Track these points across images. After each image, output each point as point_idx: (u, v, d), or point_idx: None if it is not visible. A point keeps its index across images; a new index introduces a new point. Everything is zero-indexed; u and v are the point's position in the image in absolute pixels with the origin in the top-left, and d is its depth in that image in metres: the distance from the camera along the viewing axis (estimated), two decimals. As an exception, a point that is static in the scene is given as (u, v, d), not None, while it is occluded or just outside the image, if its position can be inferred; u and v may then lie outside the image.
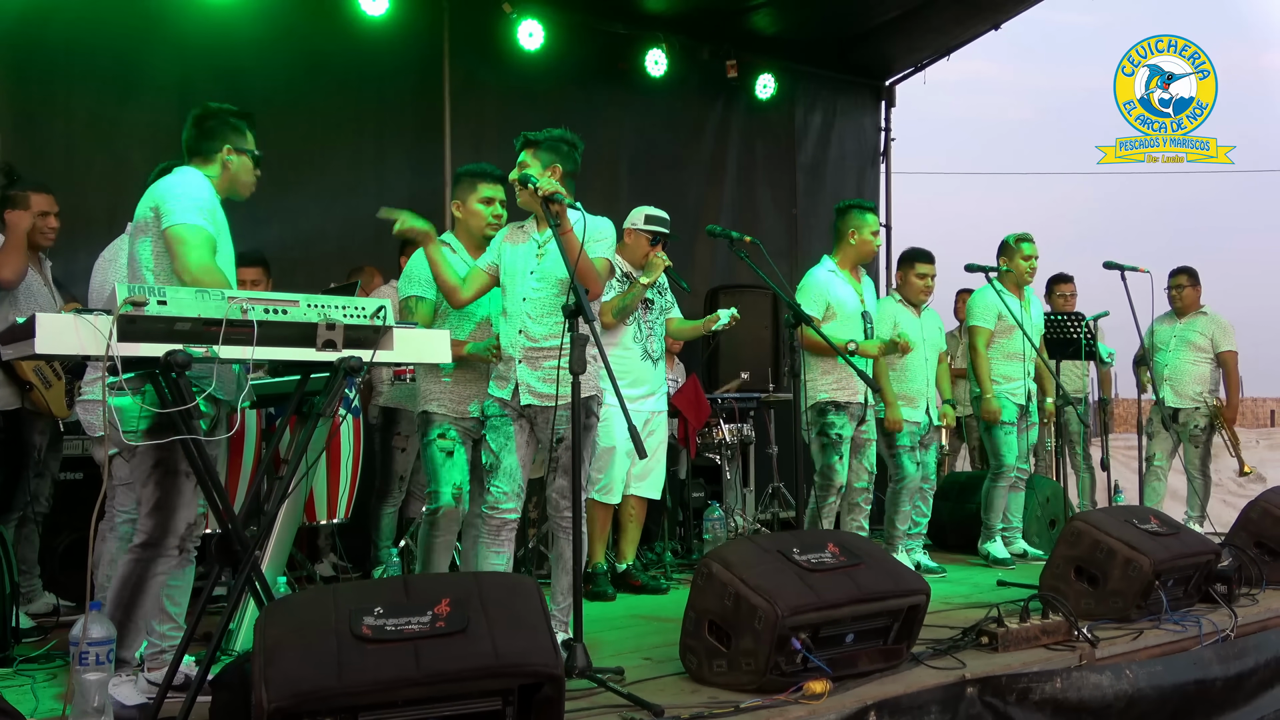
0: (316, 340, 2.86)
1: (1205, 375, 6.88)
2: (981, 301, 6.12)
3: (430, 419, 4.08)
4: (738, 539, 5.19)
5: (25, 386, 4.49)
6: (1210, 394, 6.87)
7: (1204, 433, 6.85)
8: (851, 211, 5.47)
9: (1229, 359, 6.91)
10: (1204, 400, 6.85)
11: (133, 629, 3.08)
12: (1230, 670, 4.03)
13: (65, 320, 2.62)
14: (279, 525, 3.86)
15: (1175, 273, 7.01)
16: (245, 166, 3.37)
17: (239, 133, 3.37)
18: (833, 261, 5.45)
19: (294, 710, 2.36)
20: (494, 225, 4.14)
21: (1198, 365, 6.87)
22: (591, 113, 7.63)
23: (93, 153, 5.84)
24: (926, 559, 5.88)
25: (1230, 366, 6.92)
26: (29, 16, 5.55)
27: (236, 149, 3.35)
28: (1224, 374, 6.94)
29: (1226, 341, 6.90)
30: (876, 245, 5.50)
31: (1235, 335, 6.93)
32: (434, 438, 4.05)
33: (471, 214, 4.18)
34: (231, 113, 3.38)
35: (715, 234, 4.59)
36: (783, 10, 7.96)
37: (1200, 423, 6.83)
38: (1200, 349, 6.88)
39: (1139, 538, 4.29)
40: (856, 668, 3.36)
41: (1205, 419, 6.84)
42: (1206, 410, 6.84)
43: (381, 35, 6.60)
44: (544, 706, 2.62)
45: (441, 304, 4.07)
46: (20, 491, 4.57)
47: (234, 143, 3.34)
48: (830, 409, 5.28)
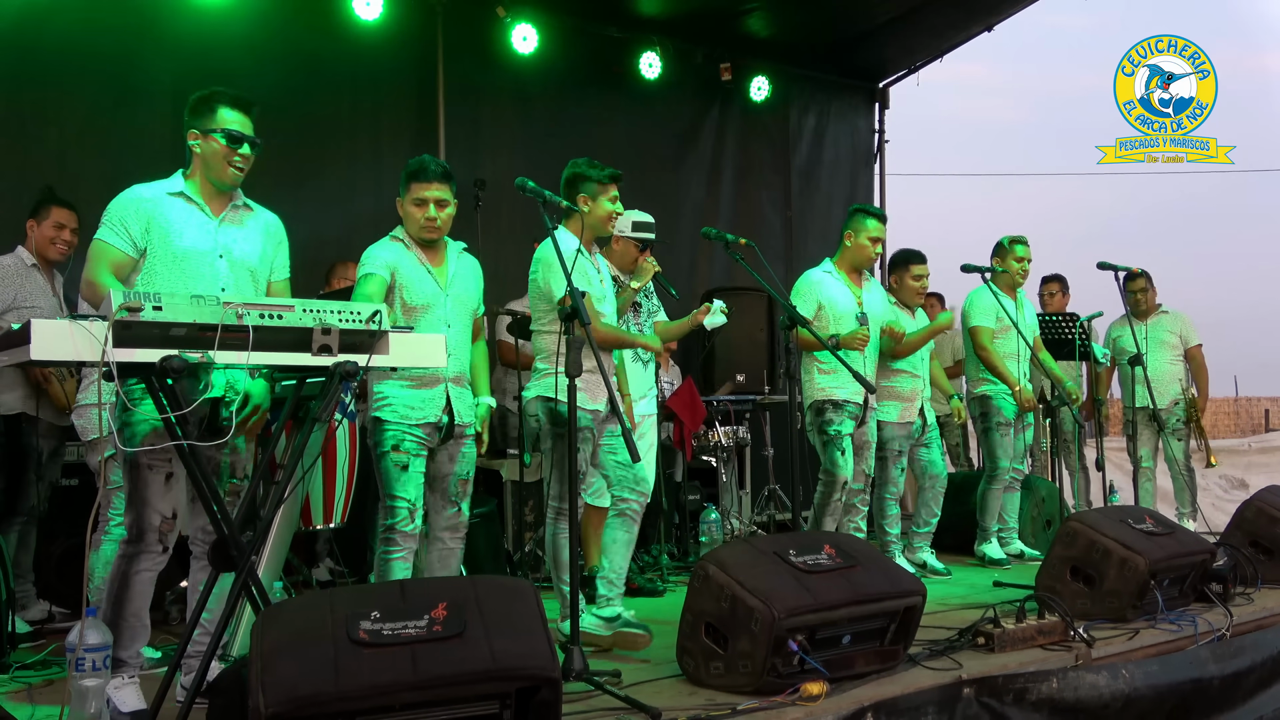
0: (312, 345, 2.86)
1: (1180, 372, 7.04)
2: (980, 301, 6.12)
3: (382, 426, 3.78)
4: (734, 541, 5.19)
5: (39, 386, 4.49)
6: (1185, 390, 7.00)
7: (1185, 426, 6.99)
8: (855, 215, 5.49)
9: (1198, 353, 7.08)
10: (1182, 397, 6.97)
11: (124, 627, 3.09)
12: (1226, 669, 4.03)
13: (61, 326, 2.62)
14: (275, 530, 3.86)
15: (1134, 276, 6.97)
16: (213, 149, 3.27)
17: (206, 114, 3.28)
18: (831, 263, 5.47)
19: (291, 715, 2.36)
20: (431, 229, 3.84)
21: (1174, 364, 7.01)
22: (585, 116, 7.64)
23: (86, 157, 5.83)
24: (934, 559, 5.86)
25: (1200, 360, 7.12)
26: (24, 21, 5.54)
27: (201, 130, 3.28)
28: (1194, 368, 7.09)
29: (1194, 336, 7.07)
30: (874, 252, 5.47)
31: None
32: (388, 449, 3.75)
33: (408, 216, 3.88)
34: (204, 94, 3.31)
35: (710, 236, 4.59)
36: (776, 13, 7.97)
37: (1181, 416, 6.97)
38: (1173, 347, 7.01)
39: (1134, 537, 4.30)
40: (853, 669, 3.37)
41: (1184, 413, 6.97)
42: (1184, 405, 6.97)
43: (376, 39, 6.61)
44: (541, 709, 2.62)
45: (401, 297, 3.79)
46: (23, 497, 4.56)
47: (199, 125, 3.28)
48: (828, 407, 5.29)
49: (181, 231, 3.24)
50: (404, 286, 3.77)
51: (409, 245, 3.86)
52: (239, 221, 3.39)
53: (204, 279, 3.23)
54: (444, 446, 3.85)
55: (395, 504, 3.74)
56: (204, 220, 3.30)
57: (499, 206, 6.62)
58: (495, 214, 6.62)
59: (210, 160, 3.29)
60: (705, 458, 6.74)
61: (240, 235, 3.37)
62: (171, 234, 3.22)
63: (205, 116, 3.28)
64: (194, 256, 3.24)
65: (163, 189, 3.28)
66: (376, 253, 3.82)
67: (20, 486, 4.55)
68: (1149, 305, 7.11)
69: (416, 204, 3.81)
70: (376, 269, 3.76)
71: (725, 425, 6.68)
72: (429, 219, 3.80)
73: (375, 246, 3.85)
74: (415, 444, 3.76)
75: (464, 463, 3.90)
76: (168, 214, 3.24)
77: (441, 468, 3.87)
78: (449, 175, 3.85)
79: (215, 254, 3.29)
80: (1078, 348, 6.23)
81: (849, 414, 5.31)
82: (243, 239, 3.38)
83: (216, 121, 3.28)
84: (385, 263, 3.78)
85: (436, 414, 3.79)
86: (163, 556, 3.16)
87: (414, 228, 3.84)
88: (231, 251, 3.33)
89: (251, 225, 3.43)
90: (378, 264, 3.77)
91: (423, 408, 3.77)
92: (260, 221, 3.46)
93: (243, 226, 3.39)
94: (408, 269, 3.80)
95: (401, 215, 3.90)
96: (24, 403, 4.52)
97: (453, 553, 3.92)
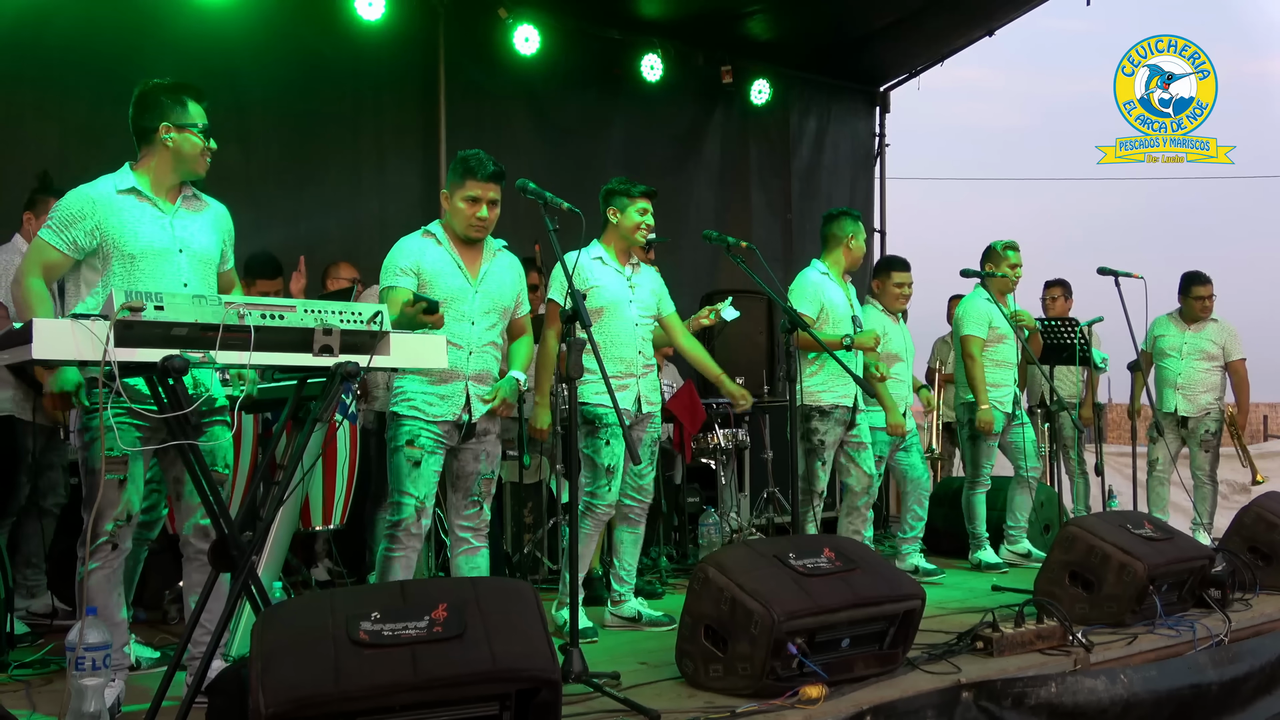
0: (313, 345, 2.86)
1: (1216, 383, 6.81)
2: (973, 309, 6.11)
3: (399, 421, 3.77)
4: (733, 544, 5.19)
5: (38, 387, 4.47)
6: (1218, 401, 6.81)
7: (1214, 438, 6.78)
8: (845, 219, 5.47)
9: (1241, 367, 6.84)
10: (1215, 407, 6.78)
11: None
12: (1225, 675, 4.04)
13: (62, 325, 2.62)
14: (275, 530, 3.86)
15: (1205, 281, 6.83)
16: (189, 142, 3.26)
17: (177, 108, 3.27)
18: (824, 264, 5.45)
19: (291, 715, 2.36)
20: (480, 228, 3.84)
21: (1210, 374, 6.78)
22: (586, 118, 7.66)
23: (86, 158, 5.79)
24: (924, 561, 5.89)
25: (1243, 374, 6.86)
26: (24, 20, 5.54)
27: (176, 125, 3.25)
28: (1235, 382, 6.85)
29: (1238, 350, 6.83)
30: (861, 255, 5.53)
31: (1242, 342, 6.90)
32: (401, 444, 3.74)
33: (455, 211, 3.86)
34: (166, 88, 3.29)
35: (711, 239, 4.59)
36: (778, 16, 7.98)
37: (1211, 427, 6.76)
38: (1213, 357, 6.78)
39: (1133, 543, 4.30)
40: (852, 672, 3.37)
41: (1216, 424, 6.77)
42: (1217, 416, 6.78)
43: (378, 40, 6.60)
44: (541, 711, 2.62)
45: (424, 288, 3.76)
46: (13, 498, 4.56)
47: (173, 119, 3.25)
48: (815, 415, 5.23)
49: (136, 231, 3.20)
50: (428, 282, 3.74)
51: (441, 239, 3.83)
52: (193, 213, 3.36)
53: (165, 275, 3.20)
54: (467, 445, 3.82)
55: (403, 500, 3.72)
56: (157, 215, 3.26)
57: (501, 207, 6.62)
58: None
59: (186, 154, 3.27)
60: (704, 460, 6.74)
61: (195, 228, 3.34)
62: (126, 233, 3.18)
63: (176, 110, 3.26)
64: (152, 255, 3.21)
65: (111, 186, 3.23)
66: (398, 259, 3.79)
67: (12, 488, 4.54)
68: (1205, 313, 6.83)
69: (469, 201, 3.78)
70: (397, 281, 3.74)
71: (724, 428, 6.67)
72: (480, 219, 3.79)
73: (396, 249, 3.83)
74: (431, 440, 3.74)
75: (489, 461, 3.88)
76: (120, 213, 3.19)
77: (466, 466, 3.85)
78: (502, 175, 3.82)
79: (174, 249, 3.26)
80: (1078, 353, 6.24)
81: (836, 420, 5.26)
82: (198, 231, 3.35)
83: (190, 116, 3.27)
84: (405, 268, 3.75)
85: (455, 412, 3.76)
86: (114, 555, 3.19)
87: (461, 224, 3.81)
88: (190, 245, 3.30)
89: (204, 216, 3.40)
90: (397, 274, 3.75)
91: (441, 405, 3.75)
92: (211, 213, 3.43)
93: (197, 218, 3.36)
94: (433, 262, 3.77)
95: (447, 207, 3.86)
96: (14, 404, 4.51)
97: (477, 551, 3.90)
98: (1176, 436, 6.82)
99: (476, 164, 3.78)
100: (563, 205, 3.83)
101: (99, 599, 3.14)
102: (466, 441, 3.83)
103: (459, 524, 3.89)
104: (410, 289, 3.70)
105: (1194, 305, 6.82)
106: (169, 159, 3.27)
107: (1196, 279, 6.85)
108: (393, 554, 3.74)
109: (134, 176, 3.27)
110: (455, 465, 3.84)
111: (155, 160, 3.28)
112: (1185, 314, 6.87)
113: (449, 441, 3.79)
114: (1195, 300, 6.81)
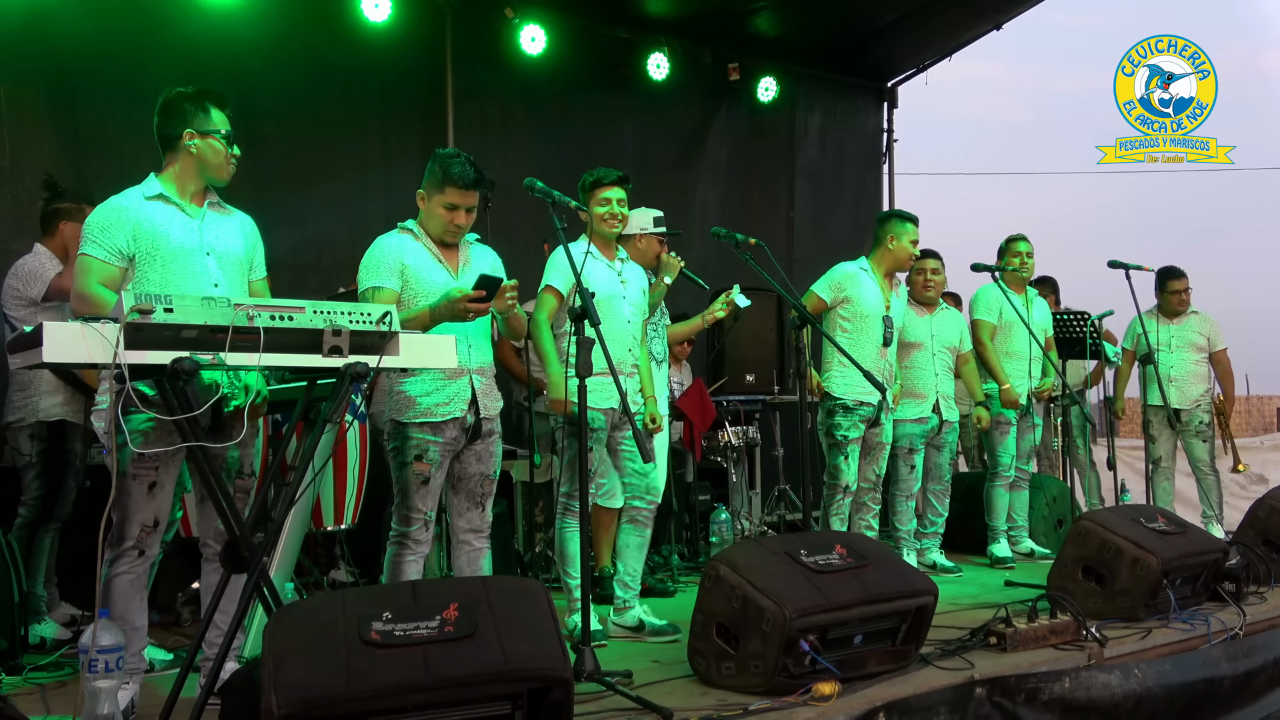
0: (323, 346, 2.86)
1: (1205, 374, 6.93)
2: (986, 297, 6.21)
3: (405, 432, 3.68)
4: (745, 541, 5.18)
5: (89, 392, 4.45)
6: (1208, 393, 6.90)
7: (1209, 428, 6.86)
8: (891, 220, 5.53)
9: (1224, 357, 6.99)
10: (1205, 399, 6.86)
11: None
12: (1239, 668, 4.02)
13: (73, 329, 2.63)
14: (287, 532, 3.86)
15: (1180, 275, 6.93)
16: (213, 148, 3.29)
17: (200, 115, 3.29)
18: (867, 262, 5.50)
19: (303, 716, 2.36)
20: (455, 233, 3.80)
21: (1200, 365, 6.90)
22: (593, 117, 7.64)
23: (98, 161, 5.84)
24: (942, 558, 5.88)
25: (1227, 365, 7.02)
26: (32, 22, 5.55)
27: (200, 132, 3.28)
28: (1220, 372, 6.99)
29: (1221, 340, 6.96)
30: (914, 255, 5.53)
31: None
32: (410, 460, 3.66)
33: (432, 215, 3.79)
34: (189, 95, 3.31)
35: (720, 236, 4.59)
36: (784, 12, 7.95)
37: (1205, 419, 6.83)
38: (1200, 349, 6.89)
39: (1147, 536, 4.28)
40: (865, 669, 3.36)
41: (1208, 414, 6.85)
42: (1208, 407, 6.86)
43: (385, 41, 6.61)
44: (553, 710, 2.62)
45: (404, 293, 3.71)
46: (61, 501, 4.56)
47: (196, 126, 3.28)
48: (838, 410, 5.30)
49: (168, 234, 3.23)
50: (412, 277, 3.71)
51: (419, 235, 3.79)
52: (220, 216, 3.39)
53: (196, 277, 3.23)
54: (471, 447, 3.79)
55: (412, 515, 3.70)
56: (186, 220, 3.29)
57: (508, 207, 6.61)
58: (504, 215, 6.60)
59: (211, 161, 3.30)
60: (715, 458, 6.74)
61: (222, 232, 3.37)
62: (158, 237, 3.21)
63: (199, 117, 3.29)
64: (184, 256, 3.23)
65: (139, 195, 3.26)
66: (379, 257, 3.73)
67: (60, 493, 4.55)
68: (1183, 306, 6.92)
69: (447, 209, 3.72)
70: (382, 281, 3.68)
71: (735, 425, 6.67)
72: (457, 226, 3.76)
73: (377, 248, 3.76)
74: (439, 452, 3.70)
75: (490, 462, 3.85)
76: (151, 218, 3.22)
77: (468, 467, 3.81)
78: (483, 181, 3.78)
79: (203, 251, 3.28)
80: (1088, 346, 6.22)
81: (860, 417, 5.31)
82: (225, 235, 3.37)
83: (213, 123, 3.30)
84: (390, 267, 3.69)
85: (462, 410, 3.72)
86: (140, 561, 3.18)
87: (437, 228, 3.76)
88: (217, 248, 3.32)
89: (231, 222, 3.42)
90: (381, 273, 3.69)
91: (449, 404, 3.70)
92: (236, 220, 3.46)
93: (223, 223, 3.39)
94: (415, 259, 3.74)
95: (422, 208, 3.81)
96: (64, 409, 4.51)
97: (480, 553, 3.87)
98: (1171, 432, 6.82)
99: (459, 172, 3.70)
100: (570, 204, 3.81)
101: (121, 604, 3.13)
102: (472, 444, 3.79)
103: (460, 526, 3.85)
104: (395, 289, 3.67)
105: (1171, 299, 6.91)
106: (193, 165, 3.30)
107: (1172, 274, 6.96)
108: (403, 558, 3.72)
109: (160, 183, 3.30)
110: (457, 467, 3.80)
111: (180, 166, 3.31)
112: (1164, 309, 6.95)
113: (456, 448, 3.75)
114: (1172, 294, 6.90)
